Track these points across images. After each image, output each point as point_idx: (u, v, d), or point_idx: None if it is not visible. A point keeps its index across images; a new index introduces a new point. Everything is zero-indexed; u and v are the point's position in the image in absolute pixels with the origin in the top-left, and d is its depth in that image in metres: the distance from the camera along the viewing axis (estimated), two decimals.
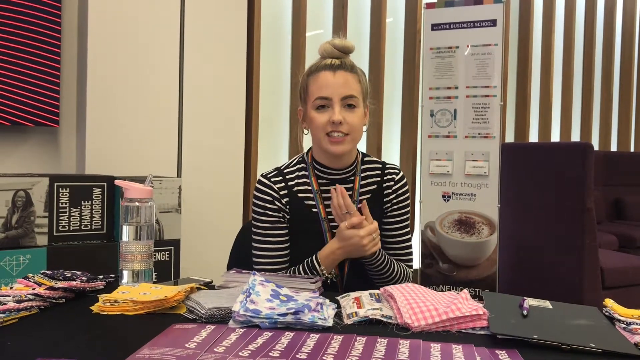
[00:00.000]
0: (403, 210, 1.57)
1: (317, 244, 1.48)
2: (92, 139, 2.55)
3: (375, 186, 1.55)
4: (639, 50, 5.60)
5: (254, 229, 1.53)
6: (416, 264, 2.78)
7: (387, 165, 1.59)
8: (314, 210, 1.51)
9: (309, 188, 1.52)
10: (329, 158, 1.51)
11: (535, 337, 0.95)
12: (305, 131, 1.54)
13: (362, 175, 1.55)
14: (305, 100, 1.51)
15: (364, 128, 1.52)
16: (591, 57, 5.17)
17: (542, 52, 4.79)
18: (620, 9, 5.46)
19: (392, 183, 1.56)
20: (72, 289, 1.19)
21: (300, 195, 1.51)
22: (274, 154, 3.38)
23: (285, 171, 1.54)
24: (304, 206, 1.51)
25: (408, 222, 1.60)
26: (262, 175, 1.54)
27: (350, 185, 1.53)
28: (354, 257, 1.47)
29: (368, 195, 1.54)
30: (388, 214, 1.56)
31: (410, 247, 1.60)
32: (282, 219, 1.51)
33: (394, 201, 1.56)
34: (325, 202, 1.51)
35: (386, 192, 1.56)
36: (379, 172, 1.57)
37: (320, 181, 1.53)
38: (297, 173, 1.54)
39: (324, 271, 1.43)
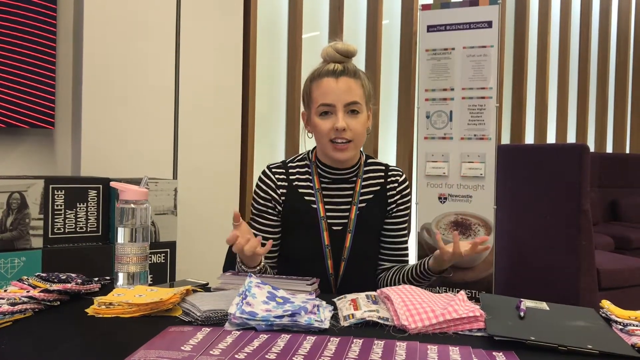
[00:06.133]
0: (406, 212, 1.60)
1: (314, 239, 1.51)
2: (87, 140, 2.54)
3: (378, 187, 1.58)
4: (634, 52, 5.61)
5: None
6: None
7: (391, 167, 1.62)
8: (314, 206, 1.52)
9: (311, 185, 1.54)
10: (332, 161, 1.53)
11: (532, 338, 0.95)
12: (310, 135, 1.56)
13: (364, 176, 1.57)
14: (308, 105, 1.52)
15: (367, 130, 1.54)
16: (587, 58, 5.18)
17: (537, 54, 4.80)
18: (615, 11, 5.48)
19: (396, 184, 1.59)
20: (67, 291, 1.19)
21: (300, 190, 1.53)
22: (270, 156, 3.37)
23: (289, 164, 1.58)
24: (303, 201, 1.53)
25: (407, 223, 1.62)
26: (267, 166, 1.58)
27: (352, 185, 1.56)
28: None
29: (370, 196, 1.55)
30: (392, 214, 1.59)
31: (407, 247, 1.64)
32: (271, 209, 1.53)
33: (399, 202, 1.59)
34: (325, 200, 1.53)
35: (390, 193, 1.58)
36: (382, 173, 1.60)
37: (322, 179, 1.55)
38: (299, 169, 1.57)
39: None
